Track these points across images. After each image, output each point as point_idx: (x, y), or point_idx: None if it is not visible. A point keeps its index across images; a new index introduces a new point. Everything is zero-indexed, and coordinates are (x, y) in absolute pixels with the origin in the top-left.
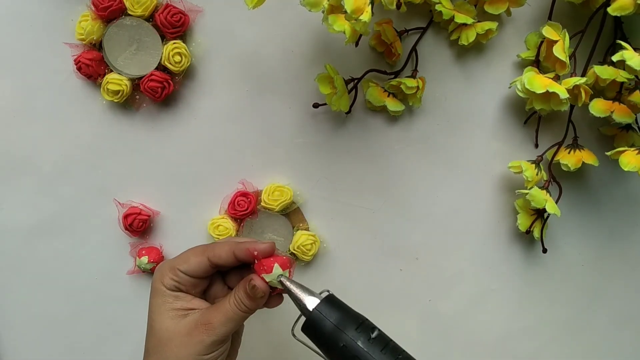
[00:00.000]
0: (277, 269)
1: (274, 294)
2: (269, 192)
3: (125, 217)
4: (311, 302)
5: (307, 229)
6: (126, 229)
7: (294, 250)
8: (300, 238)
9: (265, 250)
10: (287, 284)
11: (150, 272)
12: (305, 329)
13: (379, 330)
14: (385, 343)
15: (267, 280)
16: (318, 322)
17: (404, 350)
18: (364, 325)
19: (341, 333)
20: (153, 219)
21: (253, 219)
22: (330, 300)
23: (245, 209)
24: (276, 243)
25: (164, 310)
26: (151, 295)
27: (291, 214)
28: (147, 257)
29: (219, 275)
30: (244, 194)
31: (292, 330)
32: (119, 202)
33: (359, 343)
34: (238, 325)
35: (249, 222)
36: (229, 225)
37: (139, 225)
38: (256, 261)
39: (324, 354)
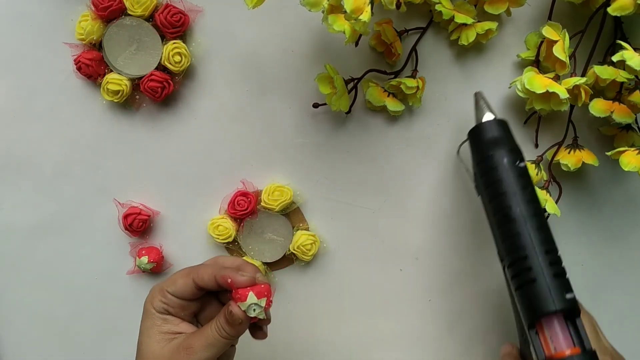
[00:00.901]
0: (251, 298)
1: (256, 324)
2: (269, 192)
3: (125, 217)
4: (487, 117)
5: (307, 229)
6: (126, 229)
7: (294, 250)
8: (300, 238)
9: (240, 283)
10: (479, 98)
11: (150, 272)
12: (471, 132)
13: (526, 164)
14: (523, 173)
15: (243, 308)
16: (484, 131)
17: (534, 187)
18: (515, 152)
19: (496, 147)
20: (153, 219)
21: (253, 218)
22: (501, 123)
23: (245, 208)
24: (276, 243)
25: (152, 334)
26: (142, 318)
27: (291, 214)
28: (147, 257)
29: (214, 297)
30: (244, 194)
31: (458, 150)
32: (118, 202)
33: (505, 160)
34: (220, 351)
35: (248, 222)
36: (228, 225)
37: (139, 225)
38: (232, 290)
39: (473, 161)
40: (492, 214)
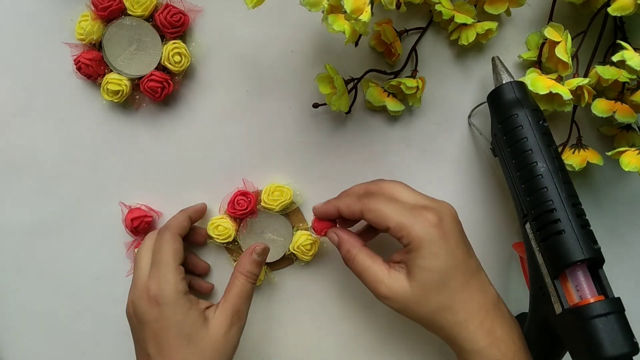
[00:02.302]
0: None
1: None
2: (269, 192)
3: (132, 219)
4: (507, 79)
5: (306, 229)
6: (131, 230)
7: (294, 250)
8: (300, 238)
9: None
10: (497, 61)
11: None
12: (492, 95)
13: (548, 125)
14: (547, 132)
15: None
16: (505, 91)
17: (556, 146)
18: (538, 112)
19: (519, 106)
20: (157, 221)
21: (253, 218)
22: (521, 84)
23: (245, 208)
24: (276, 243)
25: (196, 321)
26: (172, 312)
27: (291, 214)
28: None
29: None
30: (244, 193)
31: (469, 116)
32: (124, 204)
33: (529, 118)
34: (251, 298)
35: (249, 222)
36: (228, 225)
37: (145, 227)
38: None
39: (494, 123)
40: (516, 171)
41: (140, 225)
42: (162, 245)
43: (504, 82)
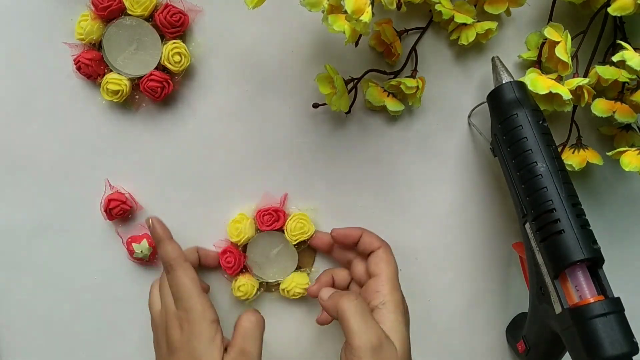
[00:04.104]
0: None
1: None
2: (292, 220)
3: (109, 200)
4: (507, 79)
5: (309, 271)
6: (105, 210)
7: (281, 290)
8: (294, 279)
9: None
10: (497, 61)
11: (146, 262)
12: (491, 95)
13: (547, 125)
14: (548, 132)
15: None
16: (505, 91)
17: (556, 146)
18: (538, 111)
19: (518, 106)
20: (134, 212)
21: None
22: (521, 84)
23: (270, 224)
24: (280, 264)
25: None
26: (208, 345)
27: (302, 253)
28: (145, 240)
29: None
30: (276, 210)
31: (469, 116)
32: (109, 184)
33: (529, 118)
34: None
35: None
36: (246, 224)
37: (119, 212)
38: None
39: (493, 123)
40: (516, 171)
41: (115, 209)
42: (178, 280)
43: (503, 82)
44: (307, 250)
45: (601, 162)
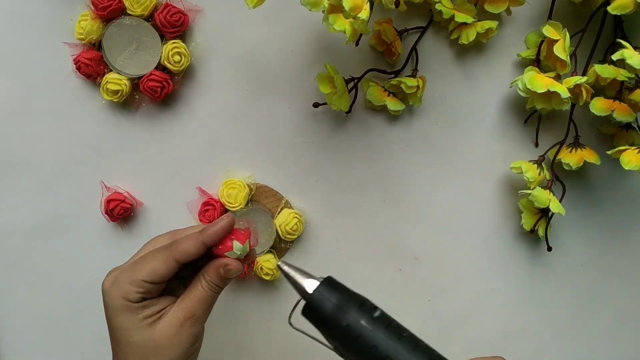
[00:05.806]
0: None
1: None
2: (225, 191)
3: (108, 201)
4: (311, 285)
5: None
6: (106, 212)
7: (279, 228)
8: (287, 217)
9: (228, 227)
10: (285, 268)
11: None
12: (306, 312)
13: (381, 310)
14: (388, 322)
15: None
16: (319, 303)
17: (407, 329)
18: (365, 304)
19: (344, 313)
20: (135, 209)
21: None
22: (329, 282)
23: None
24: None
25: (138, 325)
26: (114, 314)
27: (258, 199)
28: (247, 241)
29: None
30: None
31: (289, 319)
32: (105, 185)
33: (363, 322)
34: (213, 305)
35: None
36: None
37: (120, 212)
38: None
39: (326, 337)
40: None
41: (115, 209)
42: (148, 258)
43: (308, 289)
44: (259, 195)
45: (598, 161)
